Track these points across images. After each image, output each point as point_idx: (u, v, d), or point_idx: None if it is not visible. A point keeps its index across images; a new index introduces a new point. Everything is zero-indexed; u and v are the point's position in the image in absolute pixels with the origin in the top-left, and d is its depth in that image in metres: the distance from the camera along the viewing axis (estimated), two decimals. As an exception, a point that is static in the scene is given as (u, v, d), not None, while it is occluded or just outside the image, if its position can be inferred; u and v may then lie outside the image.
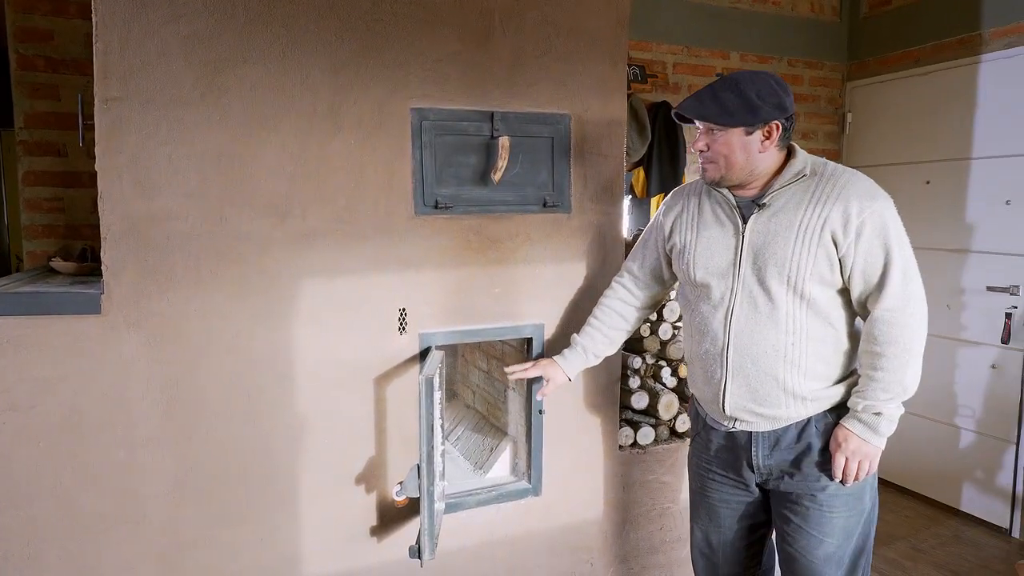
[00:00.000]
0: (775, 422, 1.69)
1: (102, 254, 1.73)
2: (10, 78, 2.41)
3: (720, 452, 1.82)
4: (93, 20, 1.66)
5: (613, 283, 2.06)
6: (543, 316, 2.20)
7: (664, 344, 2.50)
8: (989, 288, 3.20)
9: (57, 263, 2.18)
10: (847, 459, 1.62)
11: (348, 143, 1.91)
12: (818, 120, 3.85)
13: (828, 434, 1.67)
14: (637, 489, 2.43)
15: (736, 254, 1.68)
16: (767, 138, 1.61)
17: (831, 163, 1.67)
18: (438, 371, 1.93)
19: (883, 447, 1.63)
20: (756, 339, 1.65)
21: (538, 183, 2.14)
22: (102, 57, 1.66)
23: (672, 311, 2.49)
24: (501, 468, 2.37)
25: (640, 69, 3.32)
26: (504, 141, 2.02)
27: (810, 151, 1.74)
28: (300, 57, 1.84)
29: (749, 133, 1.60)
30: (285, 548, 1.96)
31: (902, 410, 1.61)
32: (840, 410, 1.67)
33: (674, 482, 2.48)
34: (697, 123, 1.67)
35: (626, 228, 2.59)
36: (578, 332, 2.06)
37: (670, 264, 1.92)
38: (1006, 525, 3.19)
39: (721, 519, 1.87)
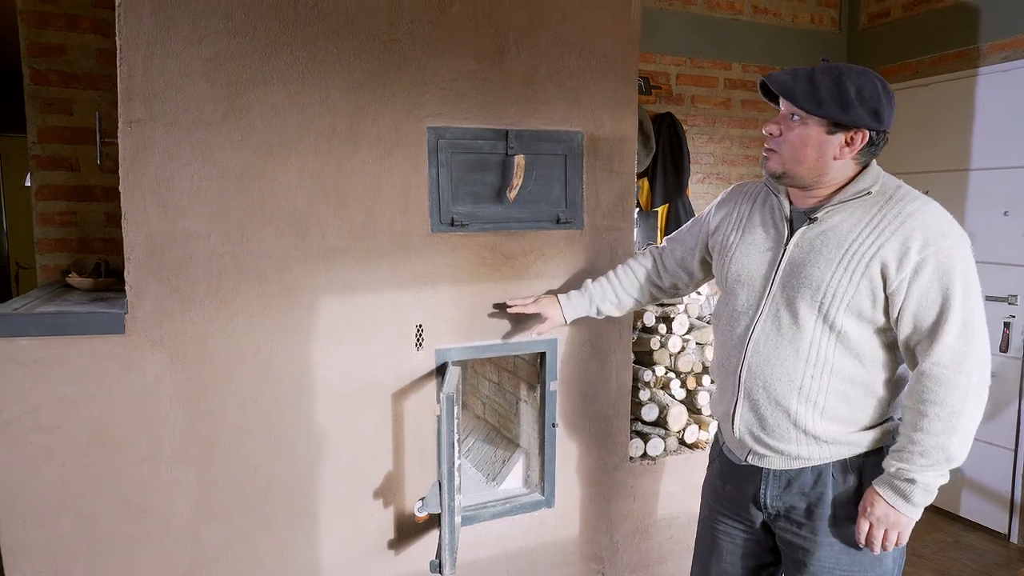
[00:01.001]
0: (789, 460, 1.52)
1: (126, 274, 1.75)
2: (9, 86, 2.41)
3: (729, 484, 1.67)
4: (117, 43, 1.67)
5: (647, 251, 1.98)
6: (557, 331, 2.23)
7: (674, 357, 2.53)
8: (988, 298, 3.25)
9: (74, 279, 2.19)
10: (872, 525, 1.43)
11: (366, 162, 1.93)
12: (818, 130, 3.90)
13: (846, 486, 1.49)
14: (647, 499, 2.47)
15: (772, 267, 1.51)
16: (848, 144, 1.41)
17: (906, 187, 1.46)
18: (458, 388, 1.96)
19: (916, 518, 1.41)
20: (772, 363, 1.49)
21: (551, 200, 2.17)
22: (126, 80, 1.68)
23: (682, 324, 2.53)
24: (513, 480, 2.40)
25: (644, 80, 3.36)
26: (520, 160, 2.05)
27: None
28: (320, 77, 1.86)
29: (831, 132, 1.41)
30: (305, 562, 1.98)
31: (945, 479, 1.40)
32: (867, 458, 1.49)
33: (683, 492, 2.52)
34: (781, 105, 1.48)
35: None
36: (592, 280, 2.01)
37: (704, 260, 1.82)
38: (1005, 531, 3.25)
39: (723, 553, 1.70)
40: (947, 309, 1.34)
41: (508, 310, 2.07)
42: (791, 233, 1.51)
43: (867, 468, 1.48)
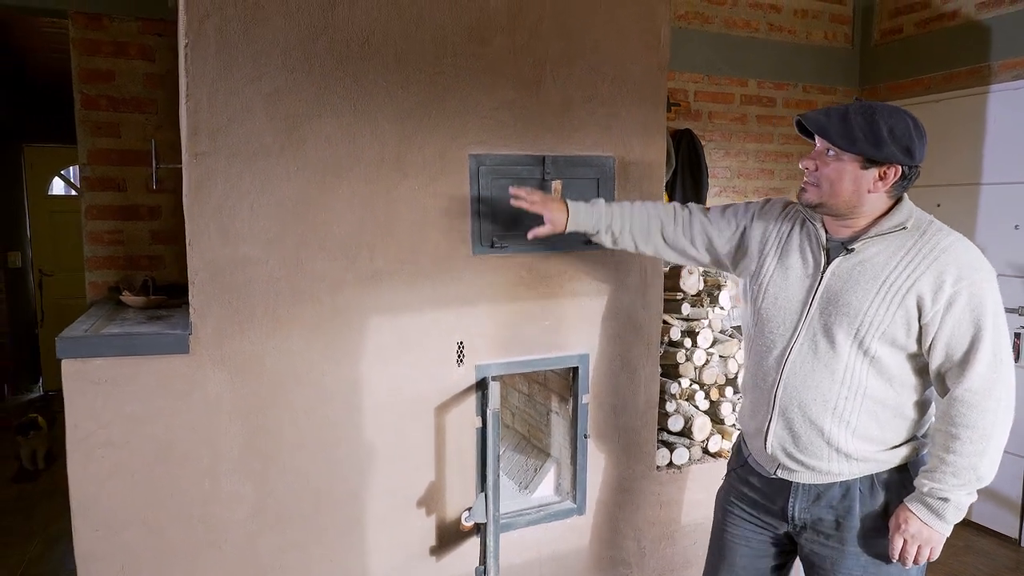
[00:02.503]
0: (819, 475, 1.59)
1: (190, 297, 1.85)
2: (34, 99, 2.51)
3: (754, 492, 1.73)
4: (183, 81, 1.78)
5: (673, 206, 1.94)
6: (589, 346, 2.33)
7: (698, 369, 2.63)
8: (999, 309, 3.35)
9: (127, 298, 2.29)
10: (906, 542, 1.50)
11: (412, 188, 2.03)
12: (831, 143, 3.99)
13: (873, 501, 1.56)
14: (673, 506, 2.57)
15: (810, 294, 1.58)
16: (882, 179, 1.49)
17: (938, 222, 1.53)
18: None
19: (948, 534, 1.50)
20: (808, 384, 1.56)
21: (585, 221, 2.27)
22: (192, 115, 1.78)
23: (706, 338, 2.63)
24: (545, 488, 2.50)
25: (664, 98, 3.45)
26: (556, 185, 2.15)
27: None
28: (370, 109, 1.96)
29: (865, 167, 1.48)
30: (353, 569, 2.08)
31: (974, 497, 1.48)
32: (894, 474, 1.57)
33: (707, 499, 2.60)
34: (816, 141, 1.56)
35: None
36: (606, 201, 1.97)
37: (724, 247, 1.83)
38: (1015, 535, 3.34)
39: (736, 557, 1.77)
40: (979, 339, 1.43)
41: (511, 200, 1.98)
42: (827, 261, 1.57)
43: (893, 484, 1.57)
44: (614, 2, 2.23)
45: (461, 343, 2.15)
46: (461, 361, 2.16)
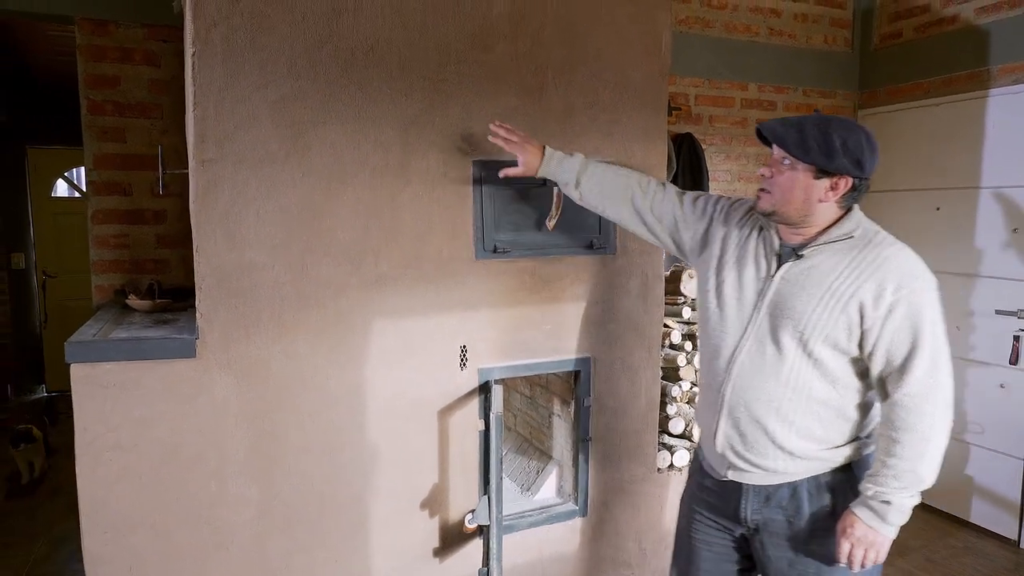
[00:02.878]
0: (767, 475, 1.63)
1: (197, 303, 1.87)
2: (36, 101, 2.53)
3: (711, 496, 1.76)
4: (191, 89, 1.80)
5: (650, 179, 1.92)
6: (591, 350, 2.35)
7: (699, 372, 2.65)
8: (998, 311, 3.37)
9: (133, 301, 2.32)
10: (852, 546, 1.54)
11: (416, 194, 2.06)
12: (831, 146, 4.01)
13: (820, 502, 1.61)
14: (674, 508, 2.57)
15: (759, 297, 1.62)
16: (833, 189, 1.53)
17: (883, 232, 1.59)
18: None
19: (893, 536, 1.53)
20: (754, 384, 1.61)
21: (586, 227, 2.29)
22: (199, 122, 1.81)
23: (706, 341, 2.65)
24: (547, 490, 2.52)
25: (665, 102, 3.47)
26: (558, 191, 2.16)
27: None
28: (374, 116, 1.98)
29: (817, 177, 1.52)
30: (358, 570, 2.10)
31: (916, 500, 1.53)
32: (838, 475, 1.61)
33: (707, 501, 2.64)
34: (773, 150, 1.60)
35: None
36: (587, 157, 1.95)
37: (683, 234, 1.84)
38: (1014, 537, 3.36)
39: (701, 561, 1.79)
40: (917, 346, 1.48)
41: (490, 136, 1.97)
42: (778, 266, 1.61)
43: (839, 484, 1.61)
44: (616, 10, 2.25)
45: (464, 347, 2.17)
46: (464, 365, 2.18)
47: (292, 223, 1.93)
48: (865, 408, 1.62)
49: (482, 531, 2.19)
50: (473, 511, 2.05)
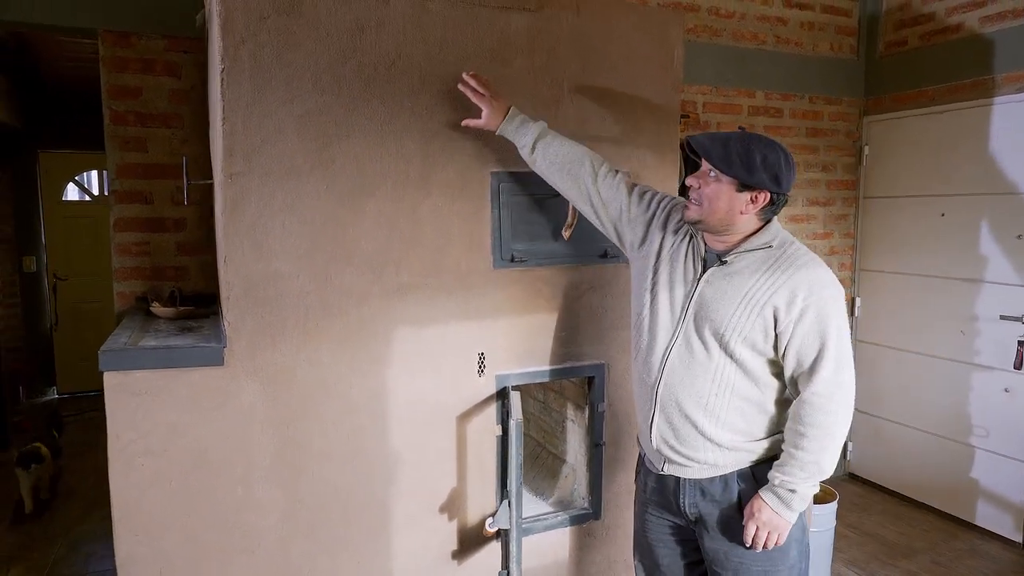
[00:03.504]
0: (701, 468, 1.75)
1: (224, 311, 1.92)
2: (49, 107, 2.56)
3: (654, 494, 1.88)
4: (219, 105, 1.85)
5: (605, 163, 2.00)
6: (604, 357, 2.40)
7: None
8: (1002, 317, 3.42)
9: (157, 309, 2.37)
10: (758, 528, 1.67)
11: (436, 206, 2.11)
12: (836, 152, 4.06)
13: (749, 493, 1.72)
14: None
15: (687, 298, 1.74)
16: (753, 202, 1.65)
17: (799, 244, 1.73)
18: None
19: (794, 521, 1.68)
20: (684, 382, 1.72)
21: (599, 236, 2.32)
22: (228, 137, 1.86)
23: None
24: (560, 493, 2.57)
25: (673, 109, 3.52)
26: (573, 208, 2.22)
27: (829, 182, 1.81)
28: (396, 130, 2.03)
29: (739, 190, 1.64)
30: (379, 573, 2.15)
31: (816, 489, 1.68)
32: (763, 466, 1.72)
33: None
34: (703, 163, 1.70)
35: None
36: (549, 128, 2.02)
37: (623, 225, 1.92)
38: (1019, 539, 3.41)
39: (659, 558, 1.92)
40: (824, 350, 1.62)
41: (459, 84, 2.02)
42: (703, 270, 1.74)
43: (763, 476, 1.71)
44: (630, 26, 2.30)
45: (482, 354, 2.22)
46: (482, 371, 2.23)
47: (316, 234, 1.98)
48: (784, 405, 1.74)
49: (500, 535, 2.24)
50: (493, 515, 2.10)
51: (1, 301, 5.60)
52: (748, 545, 1.70)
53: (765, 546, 1.69)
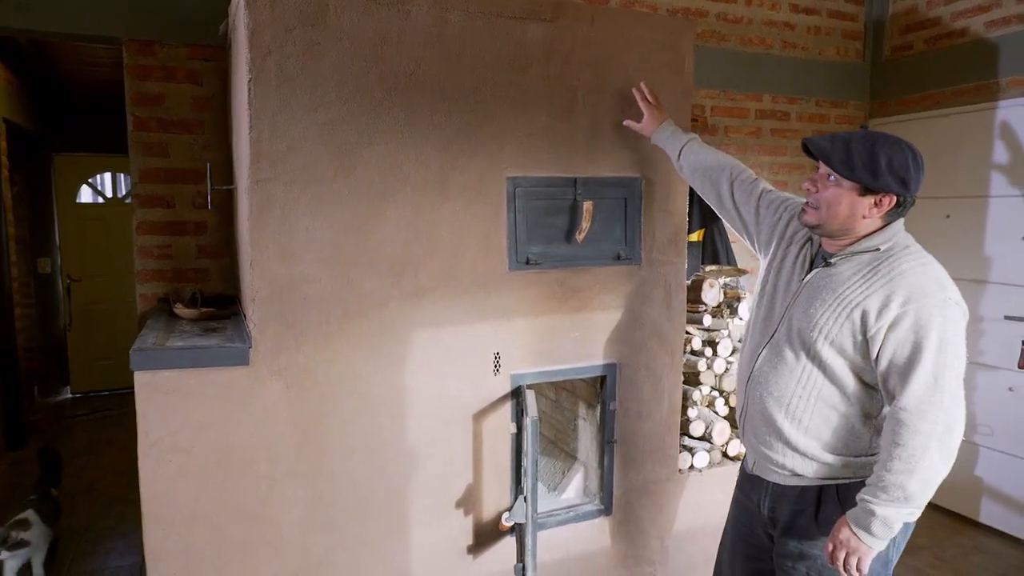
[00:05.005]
0: (781, 473, 1.71)
1: (250, 313, 1.99)
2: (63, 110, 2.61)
3: (741, 492, 1.90)
4: (247, 113, 1.91)
5: (745, 169, 2.05)
6: (616, 356, 2.46)
7: (719, 377, 2.76)
8: (1007, 317, 3.47)
9: (180, 310, 2.43)
10: (835, 547, 1.57)
11: (454, 210, 2.17)
12: (843, 155, 4.11)
13: (831, 509, 1.65)
14: (695, 508, 2.69)
15: (791, 296, 1.70)
16: (876, 206, 1.57)
17: (915, 248, 1.62)
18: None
19: (877, 548, 1.53)
20: (769, 381, 1.70)
21: (613, 239, 2.40)
22: (255, 144, 1.92)
23: (726, 348, 2.75)
24: (572, 490, 2.63)
25: (682, 113, 3.57)
26: (588, 206, 2.28)
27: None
28: (415, 136, 2.09)
29: (862, 194, 1.56)
30: (397, 566, 2.22)
31: (909, 517, 1.53)
32: (854, 489, 1.62)
33: (726, 500, 2.72)
34: (819, 165, 1.65)
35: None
36: (698, 137, 2.17)
37: (751, 228, 1.96)
38: (1023, 536, 3.46)
39: (736, 551, 1.91)
40: (918, 360, 1.49)
41: (633, 89, 2.27)
42: (810, 271, 1.70)
43: (851, 499, 1.61)
44: (643, 35, 2.36)
45: (498, 354, 2.28)
46: (497, 371, 2.29)
47: (339, 238, 2.04)
48: (876, 427, 1.64)
49: (515, 529, 2.30)
50: (509, 510, 2.16)
51: (17, 302, 5.67)
52: (830, 564, 1.59)
53: (846, 568, 1.56)
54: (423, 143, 2.10)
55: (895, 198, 1.57)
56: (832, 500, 1.66)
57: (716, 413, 2.79)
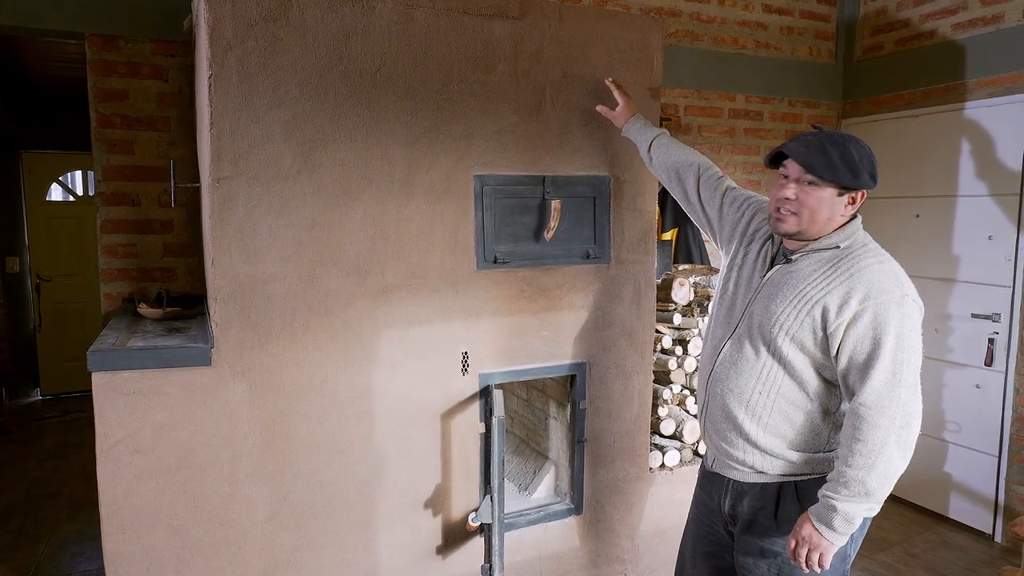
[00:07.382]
0: (742, 470, 1.71)
1: (212, 313, 1.96)
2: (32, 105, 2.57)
3: (702, 490, 1.88)
4: (207, 111, 1.89)
5: (712, 166, 2.06)
6: (586, 355, 2.46)
7: (689, 376, 2.77)
8: (974, 315, 3.52)
9: (144, 310, 2.39)
10: (797, 543, 1.58)
11: (420, 208, 2.15)
12: (815, 154, 4.14)
13: (790, 506, 1.66)
14: (665, 506, 2.70)
15: (751, 293, 1.72)
16: (852, 203, 1.60)
17: (872, 245, 1.64)
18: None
19: (838, 544, 1.55)
20: (730, 378, 1.70)
21: (582, 237, 2.40)
22: (216, 142, 1.89)
23: (696, 346, 2.76)
24: (543, 489, 2.62)
25: (655, 112, 3.58)
26: (556, 204, 2.28)
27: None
28: (381, 134, 2.08)
29: (840, 194, 1.59)
30: (364, 567, 2.20)
31: (868, 512, 1.54)
32: (813, 486, 1.64)
33: (697, 499, 2.75)
34: (784, 170, 1.64)
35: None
36: (668, 133, 2.19)
37: (715, 224, 1.97)
38: (989, 531, 3.51)
39: (697, 549, 1.90)
40: (876, 356, 1.51)
41: (607, 80, 2.29)
42: (770, 268, 1.71)
43: (811, 496, 1.62)
44: (611, 33, 2.36)
45: (466, 353, 2.27)
46: (466, 370, 2.28)
47: (303, 236, 2.02)
48: (836, 423, 1.66)
49: (483, 529, 2.29)
50: (476, 510, 2.15)
51: (-16, 302, 5.58)
52: (791, 560, 1.60)
53: (807, 565, 1.57)
54: (389, 141, 2.08)
55: (865, 193, 1.61)
56: (791, 497, 1.67)
57: (686, 412, 2.79)
